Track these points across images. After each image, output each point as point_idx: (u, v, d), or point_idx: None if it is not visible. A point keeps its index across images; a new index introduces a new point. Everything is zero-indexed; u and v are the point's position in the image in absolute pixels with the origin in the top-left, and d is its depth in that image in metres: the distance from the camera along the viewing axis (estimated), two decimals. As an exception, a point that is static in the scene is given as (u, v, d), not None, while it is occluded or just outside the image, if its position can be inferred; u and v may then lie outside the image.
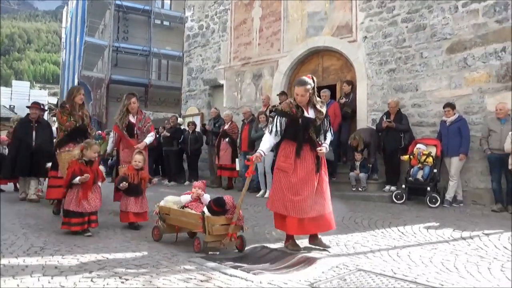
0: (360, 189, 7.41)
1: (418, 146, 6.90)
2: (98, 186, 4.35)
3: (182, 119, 11.62)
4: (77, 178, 4.10)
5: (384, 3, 8.15)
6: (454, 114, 6.70)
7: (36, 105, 7.09)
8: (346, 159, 8.36)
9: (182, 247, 3.79)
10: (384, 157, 7.65)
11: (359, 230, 4.66)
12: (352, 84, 8.53)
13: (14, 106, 45.47)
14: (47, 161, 5.86)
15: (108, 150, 6.17)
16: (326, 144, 3.85)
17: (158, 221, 4.03)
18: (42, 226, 4.56)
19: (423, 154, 6.72)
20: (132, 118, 5.55)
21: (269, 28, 10.09)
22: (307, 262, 3.35)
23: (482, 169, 6.77)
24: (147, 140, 5.54)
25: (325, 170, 3.85)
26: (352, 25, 8.59)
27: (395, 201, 6.75)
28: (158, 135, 10.52)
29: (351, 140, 7.59)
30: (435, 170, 6.67)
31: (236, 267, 3.16)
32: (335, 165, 7.84)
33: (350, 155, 7.94)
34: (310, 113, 3.80)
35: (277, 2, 9.97)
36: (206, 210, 3.65)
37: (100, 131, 13.19)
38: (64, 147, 5.12)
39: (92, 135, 5.41)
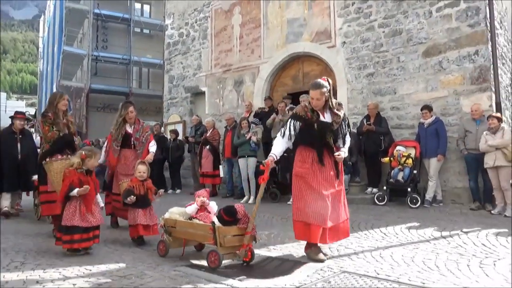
0: None
1: (398, 148, 7.05)
2: (97, 197, 4.05)
3: (163, 127, 11.57)
4: (75, 191, 3.70)
5: (361, 9, 8.33)
6: (431, 116, 6.88)
7: (21, 115, 6.76)
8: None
9: (166, 256, 3.76)
10: (365, 159, 7.77)
11: (343, 233, 4.71)
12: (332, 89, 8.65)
13: (-10, 117, 44.28)
14: (34, 173, 5.44)
15: (99, 160, 5.74)
16: (345, 148, 3.71)
17: (164, 235, 3.73)
18: (22, 241, 4.46)
19: (403, 156, 6.87)
20: (129, 128, 5.24)
21: (249, 34, 10.17)
22: (293, 266, 3.37)
23: (459, 169, 6.95)
24: (152, 149, 5.22)
25: (342, 175, 3.72)
26: (330, 30, 8.74)
27: (377, 202, 6.86)
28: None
29: None
30: (415, 171, 6.82)
31: (221, 274, 3.16)
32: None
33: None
34: (327, 117, 3.62)
35: (256, 9, 10.06)
36: (216, 220, 3.44)
37: (86, 140, 12.99)
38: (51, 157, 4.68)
39: (78, 145, 5.06)
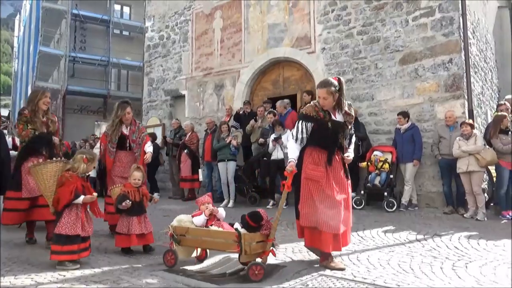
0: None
1: (375, 153, 7.18)
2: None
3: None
4: (81, 198, 3.50)
5: (340, 16, 8.48)
6: (407, 122, 7.04)
7: None
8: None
9: (143, 260, 3.71)
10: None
11: (321, 236, 4.76)
12: (312, 94, 8.76)
13: (-39, 119, 42.63)
14: (8, 176, 4.99)
15: None
16: (351, 149, 3.62)
17: (172, 244, 3.50)
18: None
19: (380, 161, 7.00)
20: (125, 130, 4.99)
21: (230, 39, 10.19)
22: (272, 269, 3.38)
23: (434, 173, 7.14)
24: (150, 149, 4.99)
25: (348, 178, 3.59)
26: (310, 37, 8.86)
27: (355, 206, 6.95)
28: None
29: None
30: (391, 176, 6.96)
31: (199, 279, 3.14)
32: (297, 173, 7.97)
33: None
34: (338, 117, 3.48)
35: (237, 14, 10.10)
36: (238, 226, 3.31)
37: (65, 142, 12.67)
38: (27, 161, 4.29)
39: (58, 145, 4.67)
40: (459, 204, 6.55)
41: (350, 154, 3.55)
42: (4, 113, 38.26)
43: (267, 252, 3.23)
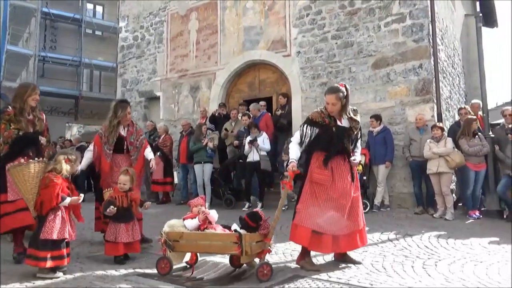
0: (293, 200, 7.39)
1: (349, 155, 7.30)
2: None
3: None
4: (67, 200, 3.34)
5: (315, 20, 8.61)
6: (379, 125, 7.22)
7: None
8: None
9: (116, 265, 3.64)
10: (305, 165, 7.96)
11: (296, 238, 4.81)
12: (287, 96, 8.85)
13: None
14: None
15: (82, 165, 4.60)
16: (358, 153, 3.69)
17: (166, 251, 3.38)
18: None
19: (354, 163, 7.13)
20: (122, 131, 4.65)
21: (206, 40, 10.16)
22: (247, 271, 3.39)
23: (405, 175, 7.34)
24: (151, 156, 4.75)
25: (357, 181, 3.65)
26: (286, 40, 8.95)
27: (330, 208, 7.05)
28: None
29: (287, 144, 7.84)
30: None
31: (175, 283, 3.12)
32: (272, 175, 8.02)
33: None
34: (344, 122, 3.57)
35: (213, 16, 10.08)
36: (237, 227, 3.33)
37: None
38: (10, 163, 3.82)
39: (46, 145, 4.23)
40: (429, 204, 6.76)
41: (357, 157, 3.63)
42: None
43: (265, 251, 3.27)
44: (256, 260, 3.32)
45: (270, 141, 7.80)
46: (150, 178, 9.19)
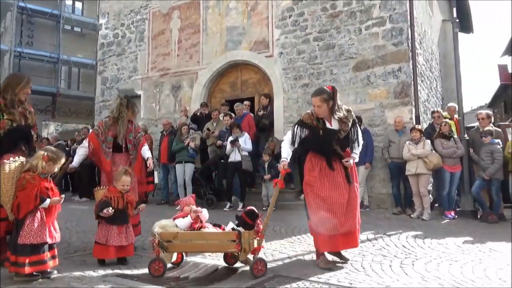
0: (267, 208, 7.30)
1: (330, 156, 7.39)
2: None
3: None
4: (47, 201, 3.11)
5: (297, 22, 8.68)
6: (360, 126, 7.31)
7: None
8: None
9: (94, 266, 3.57)
10: (298, 166, 8.03)
11: (277, 238, 4.84)
12: (269, 97, 8.89)
13: None
14: None
15: (73, 163, 4.45)
16: (356, 154, 3.71)
17: (159, 252, 3.28)
18: None
19: (334, 164, 7.22)
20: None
21: (188, 40, 10.09)
22: (228, 271, 3.39)
23: (384, 176, 7.48)
24: (149, 154, 4.52)
25: (356, 184, 3.69)
26: (268, 41, 8.98)
27: (310, 208, 7.11)
28: (69, 148, 9.90)
29: (269, 143, 7.89)
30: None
31: (153, 283, 3.09)
32: (254, 175, 8.04)
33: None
34: (334, 124, 3.59)
35: (196, 15, 10.03)
36: (234, 226, 3.37)
37: None
38: (1, 158, 3.43)
39: (36, 141, 3.93)
40: (407, 205, 6.91)
41: (351, 159, 3.62)
42: None
43: (259, 247, 3.34)
44: (249, 256, 3.38)
45: (252, 141, 7.81)
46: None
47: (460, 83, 7.32)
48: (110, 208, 3.51)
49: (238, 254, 3.32)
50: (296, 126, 3.67)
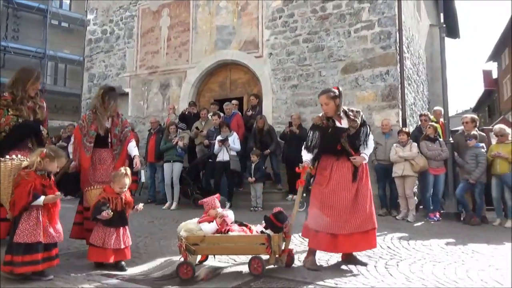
0: (255, 209, 7.28)
1: (317, 157, 7.44)
2: None
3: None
4: (41, 199, 2.97)
5: (287, 23, 8.71)
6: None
7: None
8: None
9: (78, 265, 3.52)
10: (286, 167, 8.07)
11: (264, 238, 4.84)
12: (258, 97, 8.90)
13: None
14: None
15: (74, 162, 4.21)
16: (365, 152, 3.69)
17: (186, 255, 3.24)
18: None
19: (322, 165, 7.27)
20: (107, 122, 4.08)
21: (177, 38, 10.04)
22: (213, 271, 3.38)
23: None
24: (135, 152, 4.18)
25: (366, 182, 3.63)
26: (258, 41, 8.99)
27: (297, 209, 7.12)
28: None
29: (257, 120, 7.92)
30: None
31: (138, 282, 3.06)
32: (241, 175, 8.03)
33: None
34: (343, 123, 3.66)
35: (185, 13, 9.98)
36: (262, 228, 3.35)
37: None
38: (4, 155, 3.26)
39: (45, 137, 3.76)
40: (392, 206, 6.99)
41: (359, 157, 3.60)
42: None
43: (287, 250, 3.35)
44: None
45: (240, 141, 7.81)
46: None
47: (446, 87, 7.43)
48: (110, 211, 3.34)
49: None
50: (310, 131, 3.76)
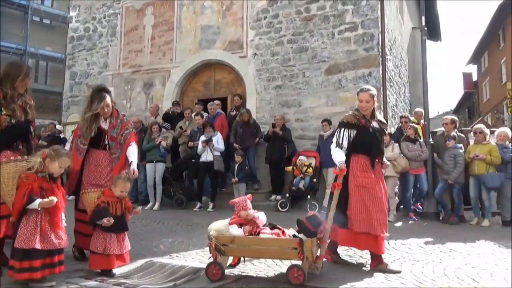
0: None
1: (300, 157, 7.51)
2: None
3: (62, 127, 10.66)
4: (36, 202, 2.82)
5: (272, 24, 8.74)
6: (330, 129, 7.46)
7: None
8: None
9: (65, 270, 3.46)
10: (270, 167, 8.10)
11: (246, 238, 4.85)
12: (242, 98, 8.89)
13: None
14: None
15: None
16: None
17: (216, 256, 3.17)
18: None
19: (304, 165, 7.33)
20: (103, 123, 3.81)
21: (161, 37, 9.96)
22: (196, 271, 3.37)
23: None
24: (134, 158, 3.83)
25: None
26: (243, 41, 9.00)
27: (280, 209, 7.18)
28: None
29: (243, 113, 7.94)
30: (314, 180, 7.31)
31: (119, 285, 3.03)
32: (225, 175, 8.02)
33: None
34: (374, 124, 3.60)
35: (170, 12, 9.91)
36: (295, 232, 3.18)
37: None
38: None
39: (35, 140, 3.65)
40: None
41: (386, 160, 3.70)
42: None
43: (322, 256, 3.21)
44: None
45: (224, 141, 7.79)
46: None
47: (427, 89, 7.56)
48: (110, 218, 3.21)
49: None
50: (342, 129, 3.58)
